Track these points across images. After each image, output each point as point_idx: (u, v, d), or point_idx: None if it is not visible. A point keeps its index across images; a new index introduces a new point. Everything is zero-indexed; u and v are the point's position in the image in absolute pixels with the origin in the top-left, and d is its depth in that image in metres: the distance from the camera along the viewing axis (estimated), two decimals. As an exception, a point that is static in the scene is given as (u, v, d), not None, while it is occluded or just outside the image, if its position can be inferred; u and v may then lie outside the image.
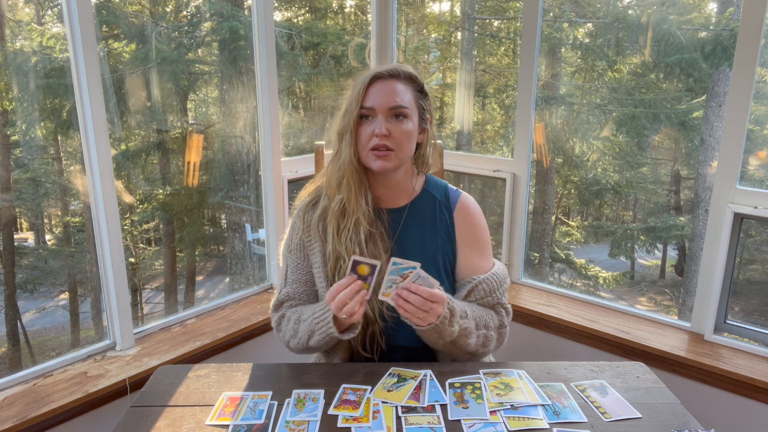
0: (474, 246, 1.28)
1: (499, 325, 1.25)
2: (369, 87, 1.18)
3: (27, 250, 4.72)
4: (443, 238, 1.26)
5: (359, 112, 1.18)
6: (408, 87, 1.20)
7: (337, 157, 1.21)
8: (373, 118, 1.17)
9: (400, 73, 1.20)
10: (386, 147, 1.16)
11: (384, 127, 1.15)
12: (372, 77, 1.18)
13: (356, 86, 1.19)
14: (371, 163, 1.18)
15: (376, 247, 1.20)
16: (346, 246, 1.19)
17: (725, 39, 4.21)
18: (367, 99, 1.17)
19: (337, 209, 1.21)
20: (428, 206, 1.28)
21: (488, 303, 1.25)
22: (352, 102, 1.18)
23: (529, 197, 2.21)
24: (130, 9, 4.09)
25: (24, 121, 3.61)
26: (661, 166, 5.69)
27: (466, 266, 1.27)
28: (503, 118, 5.78)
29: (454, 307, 1.12)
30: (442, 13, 6.01)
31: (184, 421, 0.99)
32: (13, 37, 3.73)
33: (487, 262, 1.29)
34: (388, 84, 1.18)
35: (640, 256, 6.46)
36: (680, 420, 0.99)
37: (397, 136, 1.16)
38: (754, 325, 1.76)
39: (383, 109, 1.16)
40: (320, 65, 4.62)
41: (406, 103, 1.18)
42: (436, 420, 0.97)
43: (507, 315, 1.29)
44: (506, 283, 1.30)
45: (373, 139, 1.16)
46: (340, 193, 1.20)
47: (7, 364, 4.01)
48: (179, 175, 4.53)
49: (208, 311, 1.97)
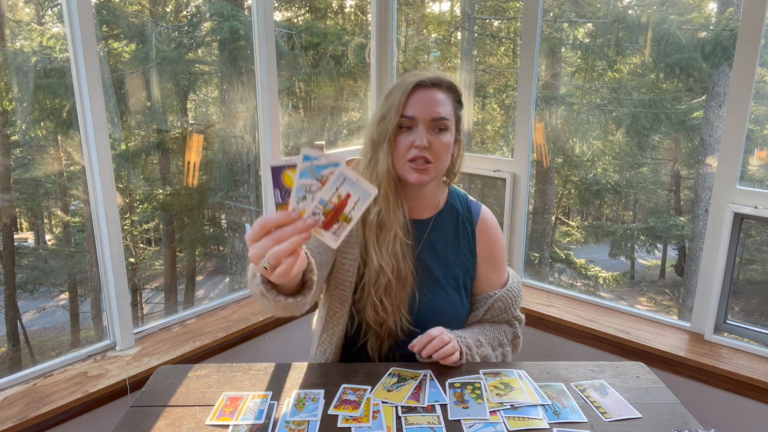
0: (493, 261, 1.28)
1: (513, 338, 1.29)
2: (411, 95, 1.12)
3: (27, 250, 4.71)
4: (465, 254, 1.26)
5: (399, 121, 1.12)
6: (448, 97, 1.16)
7: (371, 165, 1.15)
8: (412, 128, 1.12)
9: (443, 82, 1.15)
10: (425, 159, 1.11)
11: (425, 138, 1.10)
12: (414, 85, 1.12)
13: (395, 92, 1.13)
14: (408, 175, 1.13)
15: (405, 260, 1.17)
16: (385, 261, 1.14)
17: (725, 39, 4.21)
18: (408, 108, 1.11)
19: (375, 222, 1.15)
20: (451, 220, 1.26)
21: (503, 319, 1.28)
22: (391, 109, 1.12)
23: (529, 197, 2.21)
24: (130, 9, 4.09)
25: (24, 121, 3.61)
26: (661, 166, 5.69)
27: (485, 281, 1.27)
28: (503, 118, 5.78)
29: (468, 342, 1.16)
30: (442, 13, 6.01)
31: (184, 421, 0.99)
32: (13, 37, 3.73)
33: (503, 275, 1.30)
34: (430, 93, 1.13)
35: (640, 256, 6.46)
36: (680, 420, 0.99)
37: (436, 149, 1.12)
38: (754, 325, 1.76)
39: (425, 120, 1.11)
40: (320, 65, 4.62)
41: (447, 115, 1.13)
42: (436, 420, 0.97)
43: (520, 324, 1.31)
44: (521, 295, 1.30)
45: (412, 150, 1.11)
46: (377, 204, 1.15)
47: (7, 364, 4.01)
48: (179, 175, 4.53)
49: (208, 311, 1.97)
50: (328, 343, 1.22)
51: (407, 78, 1.15)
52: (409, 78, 1.14)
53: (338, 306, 1.20)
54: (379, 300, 1.15)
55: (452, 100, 1.17)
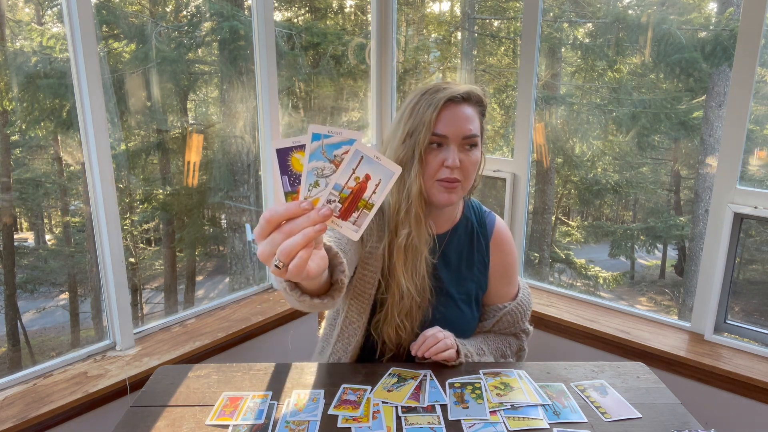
0: (505, 274, 1.27)
1: (518, 350, 1.29)
2: (442, 111, 1.06)
3: (27, 250, 4.71)
4: (479, 268, 1.25)
5: (430, 139, 1.06)
6: (476, 111, 1.11)
7: (399, 185, 1.09)
8: (443, 146, 1.07)
9: (472, 96, 1.10)
10: (455, 179, 1.07)
11: (457, 158, 1.05)
12: (446, 100, 1.06)
13: (423, 108, 1.06)
14: (438, 195, 1.08)
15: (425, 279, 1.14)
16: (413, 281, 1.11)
17: (725, 39, 4.21)
18: (439, 125, 1.05)
19: (404, 244, 1.10)
20: (466, 233, 1.24)
21: (511, 331, 1.29)
22: (420, 127, 1.05)
23: (529, 197, 2.21)
24: (130, 9, 4.09)
25: (24, 121, 3.61)
26: (661, 166, 5.69)
27: (496, 294, 1.27)
28: (503, 118, 5.78)
29: (470, 349, 1.16)
30: (442, 13, 6.01)
31: (184, 421, 0.99)
32: (13, 37, 3.73)
33: (514, 287, 1.30)
34: (460, 109, 1.07)
35: (640, 256, 6.46)
36: (680, 420, 0.99)
37: (467, 167, 1.08)
38: (754, 325, 1.75)
39: (456, 138, 1.06)
40: (320, 65, 4.62)
41: (477, 131, 1.08)
42: (436, 420, 0.97)
43: (527, 337, 1.31)
44: (530, 308, 1.30)
45: (444, 170, 1.06)
46: (405, 227, 1.09)
47: (7, 364, 4.01)
48: (179, 175, 4.53)
49: (208, 311, 1.97)
50: (343, 351, 1.19)
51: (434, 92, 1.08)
52: (437, 93, 1.07)
53: (356, 317, 1.16)
54: (401, 321, 1.12)
55: (479, 114, 1.13)
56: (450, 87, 1.08)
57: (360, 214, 0.62)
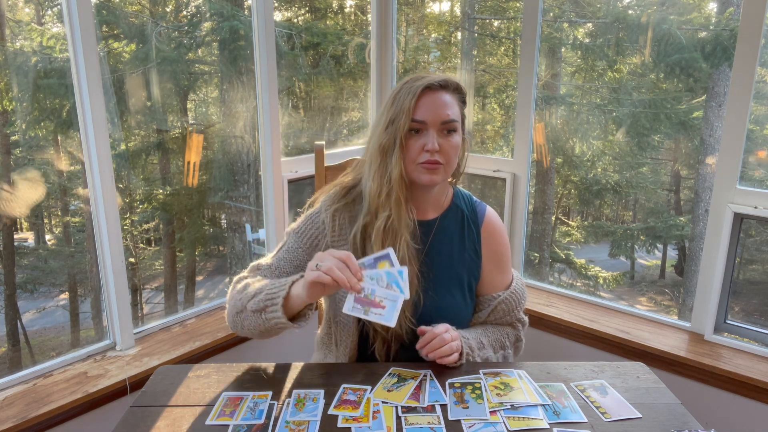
0: (497, 262, 1.28)
1: (515, 340, 1.29)
2: (420, 98, 1.12)
3: (27, 250, 4.71)
4: (470, 255, 1.25)
5: (409, 126, 1.12)
6: (455, 98, 1.17)
7: (381, 170, 1.15)
8: (422, 131, 1.13)
9: (450, 83, 1.16)
10: (437, 162, 1.13)
11: (436, 142, 1.11)
12: (423, 88, 1.12)
13: (403, 96, 1.13)
14: (420, 176, 1.14)
15: (410, 263, 1.17)
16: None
17: (725, 39, 4.21)
18: (418, 111, 1.12)
19: (383, 227, 1.15)
20: (456, 221, 1.26)
21: (507, 321, 1.28)
22: (401, 114, 1.12)
23: (529, 197, 2.21)
24: (130, 9, 4.09)
25: (24, 121, 3.61)
26: (661, 166, 5.69)
27: (489, 283, 1.27)
28: (503, 118, 5.78)
29: (471, 344, 1.16)
30: (442, 13, 6.01)
31: (184, 421, 0.99)
32: (13, 37, 3.73)
33: (508, 276, 1.30)
34: (438, 96, 1.13)
35: (640, 256, 6.46)
36: (680, 420, 0.99)
37: (447, 151, 1.13)
38: (754, 325, 1.76)
39: (435, 123, 1.12)
40: (320, 65, 4.62)
41: (455, 116, 1.14)
42: (436, 420, 0.97)
43: (523, 327, 1.31)
44: (525, 297, 1.30)
45: (424, 154, 1.12)
46: (386, 210, 1.14)
47: (7, 364, 4.01)
48: (179, 175, 4.53)
49: (208, 311, 1.97)
50: (344, 355, 1.23)
51: (413, 81, 1.14)
52: (416, 81, 1.14)
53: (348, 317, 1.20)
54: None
55: (458, 101, 1.18)
56: (428, 76, 1.15)
57: (361, 309, 1.01)
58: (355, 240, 1.18)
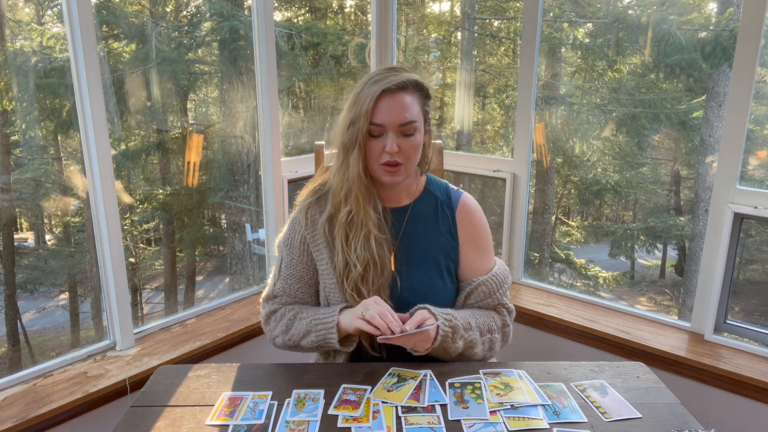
0: (476, 246, 1.28)
1: (502, 325, 1.27)
2: (378, 102, 1.14)
3: (27, 250, 4.72)
4: (446, 238, 1.26)
5: (368, 128, 1.15)
6: (415, 97, 1.18)
7: (343, 168, 1.19)
8: (382, 133, 1.15)
9: (408, 83, 1.16)
10: (397, 162, 1.15)
11: (395, 144, 1.13)
12: (381, 92, 1.14)
13: (363, 100, 1.15)
14: (382, 177, 1.18)
15: (382, 248, 1.20)
16: (357, 254, 1.19)
17: (725, 39, 4.21)
18: (376, 115, 1.14)
19: (344, 220, 1.20)
20: (430, 206, 1.28)
21: (489, 304, 1.26)
22: (360, 117, 1.14)
23: (529, 197, 2.21)
24: (130, 9, 4.10)
25: (24, 121, 3.61)
26: (661, 166, 5.69)
27: (468, 266, 1.27)
28: (503, 118, 5.78)
29: (456, 324, 1.15)
30: (442, 13, 6.01)
31: (184, 421, 0.99)
32: (13, 37, 3.73)
33: (489, 261, 1.29)
34: (396, 98, 1.14)
35: (640, 256, 6.46)
36: (680, 420, 0.99)
37: (406, 151, 1.15)
38: (754, 325, 1.76)
39: (393, 126, 1.14)
40: (320, 65, 4.63)
41: (415, 116, 1.16)
42: (436, 420, 0.97)
43: (509, 314, 1.29)
44: (507, 282, 1.30)
45: (384, 155, 1.14)
46: (347, 205, 1.19)
47: (7, 364, 4.01)
48: (179, 175, 4.53)
49: (208, 311, 1.97)
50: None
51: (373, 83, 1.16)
52: (374, 84, 1.15)
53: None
54: (354, 289, 1.19)
55: (419, 98, 1.19)
56: (387, 77, 1.16)
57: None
58: (324, 231, 1.23)
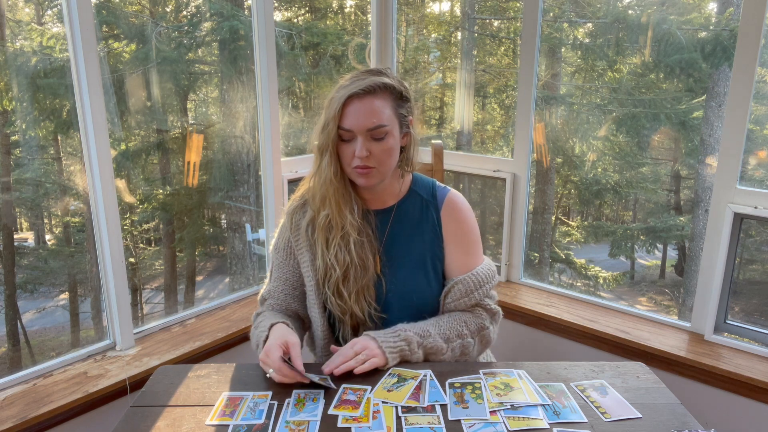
0: (460, 243, 1.27)
1: (478, 329, 1.23)
2: (345, 107, 1.13)
3: (27, 250, 4.72)
4: (430, 237, 1.26)
5: (338, 133, 1.15)
6: (386, 100, 1.15)
7: (318, 172, 1.19)
8: (352, 138, 1.14)
9: (376, 87, 1.13)
10: (368, 166, 1.15)
11: (364, 149, 1.13)
12: (348, 97, 1.13)
13: (332, 104, 1.14)
14: (356, 179, 1.19)
15: (364, 251, 1.21)
16: (336, 257, 1.20)
17: (725, 39, 4.21)
18: (344, 120, 1.13)
19: (323, 223, 1.21)
20: (415, 206, 1.27)
21: (465, 304, 1.23)
22: (330, 121, 1.14)
23: (529, 197, 2.21)
24: (130, 9, 4.10)
25: (24, 121, 3.61)
26: (661, 166, 5.68)
27: (454, 264, 1.26)
28: (503, 118, 5.78)
29: (408, 336, 1.14)
30: (442, 13, 6.01)
31: (184, 421, 0.99)
32: (13, 37, 3.73)
33: (474, 259, 1.27)
34: (364, 103, 1.12)
35: (640, 256, 6.46)
36: (680, 420, 0.99)
37: (377, 155, 1.15)
38: (754, 325, 1.75)
39: (361, 131, 1.13)
40: (320, 65, 4.63)
41: (384, 121, 1.14)
42: (436, 420, 0.97)
43: (492, 316, 1.26)
44: (490, 282, 1.26)
45: (355, 159, 1.14)
46: (324, 209, 1.20)
47: (7, 364, 4.01)
48: (179, 175, 4.53)
49: (208, 311, 1.97)
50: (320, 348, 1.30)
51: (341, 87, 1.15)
52: (343, 88, 1.14)
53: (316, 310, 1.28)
54: (335, 291, 1.21)
55: (391, 101, 1.16)
56: (355, 82, 1.14)
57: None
58: (307, 234, 1.25)
